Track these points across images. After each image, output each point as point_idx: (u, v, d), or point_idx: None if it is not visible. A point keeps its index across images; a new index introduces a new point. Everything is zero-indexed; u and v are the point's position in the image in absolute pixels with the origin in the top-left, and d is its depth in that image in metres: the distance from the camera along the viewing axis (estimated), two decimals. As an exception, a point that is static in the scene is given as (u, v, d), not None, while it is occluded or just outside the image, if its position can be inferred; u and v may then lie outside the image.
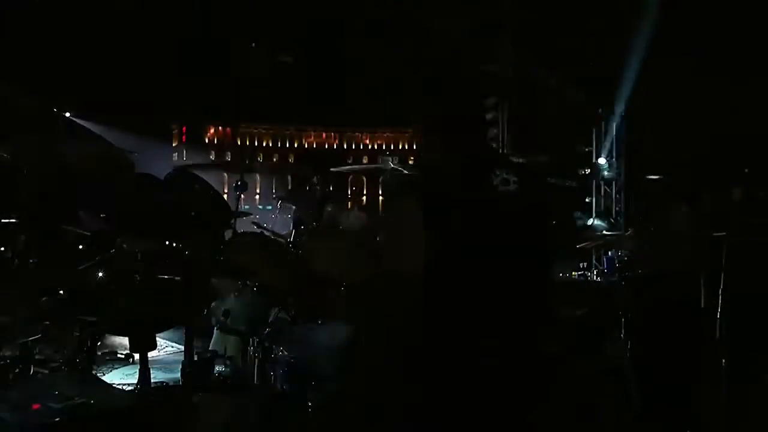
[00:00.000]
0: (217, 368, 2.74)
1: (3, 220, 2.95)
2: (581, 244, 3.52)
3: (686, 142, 7.28)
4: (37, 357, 2.51)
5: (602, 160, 7.35)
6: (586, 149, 7.64)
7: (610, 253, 3.99)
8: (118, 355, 4.02)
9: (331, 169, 5.13)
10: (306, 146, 26.06)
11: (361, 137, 25.77)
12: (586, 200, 7.53)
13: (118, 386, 2.17)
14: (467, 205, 1.80)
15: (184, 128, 24.63)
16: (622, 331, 3.25)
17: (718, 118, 7.01)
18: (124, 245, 3.21)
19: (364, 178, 23.73)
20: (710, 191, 3.72)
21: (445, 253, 1.75)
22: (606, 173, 7.33)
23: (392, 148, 24.73)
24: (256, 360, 3.00)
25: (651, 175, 5.09)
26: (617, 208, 7.34)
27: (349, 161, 24.73)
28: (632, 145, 7.41)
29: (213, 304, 3.05)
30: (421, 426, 1.79)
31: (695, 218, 3.75)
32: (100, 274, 3.13)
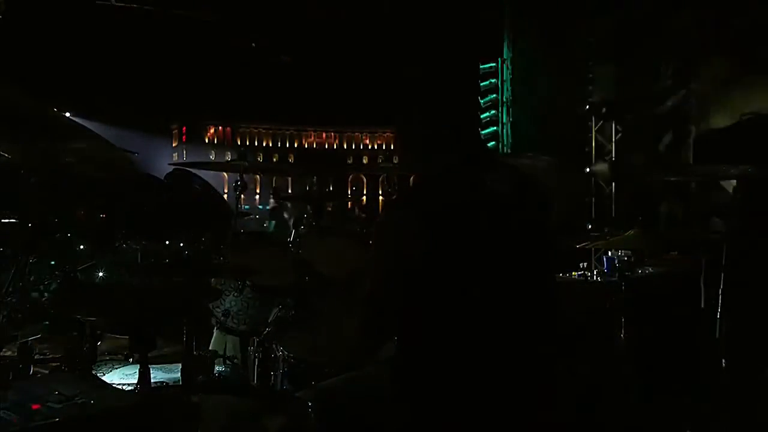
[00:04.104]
0: (217, 368, 2.74)
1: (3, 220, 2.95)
2: (581, 244, 3.52)
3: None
4: (37, 357, 2.51)
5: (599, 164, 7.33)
6: (585, 149, 7.61)
7: (610, 253, 3.99)
8: (118, 355, 4.01)
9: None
10: (306, 146, 26.03)
11: (361, 137, 25.73)
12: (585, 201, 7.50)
13: (118, 386, 2.17)
14: (458, 210, 1.79)
15: (184, 128, 24.66)
16: (622, 331, 3.25)
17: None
18: (125, 245, 3.22)
19: (364, 178, 23.71)
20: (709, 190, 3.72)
21: (440, 259, 1.74)
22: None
23: (392, 148, 24.71)
24: (256, 360, 3.00)
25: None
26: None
27: (349, 161, 24.71)
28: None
29: (213, 304, 3.06)
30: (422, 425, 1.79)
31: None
32: (100, 274, 3.14)
